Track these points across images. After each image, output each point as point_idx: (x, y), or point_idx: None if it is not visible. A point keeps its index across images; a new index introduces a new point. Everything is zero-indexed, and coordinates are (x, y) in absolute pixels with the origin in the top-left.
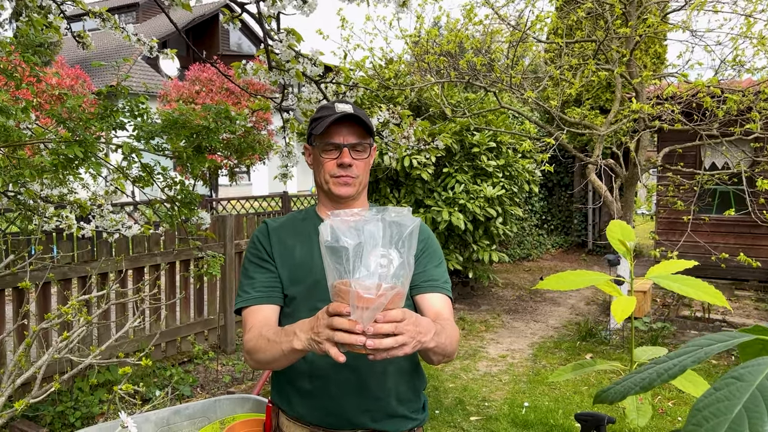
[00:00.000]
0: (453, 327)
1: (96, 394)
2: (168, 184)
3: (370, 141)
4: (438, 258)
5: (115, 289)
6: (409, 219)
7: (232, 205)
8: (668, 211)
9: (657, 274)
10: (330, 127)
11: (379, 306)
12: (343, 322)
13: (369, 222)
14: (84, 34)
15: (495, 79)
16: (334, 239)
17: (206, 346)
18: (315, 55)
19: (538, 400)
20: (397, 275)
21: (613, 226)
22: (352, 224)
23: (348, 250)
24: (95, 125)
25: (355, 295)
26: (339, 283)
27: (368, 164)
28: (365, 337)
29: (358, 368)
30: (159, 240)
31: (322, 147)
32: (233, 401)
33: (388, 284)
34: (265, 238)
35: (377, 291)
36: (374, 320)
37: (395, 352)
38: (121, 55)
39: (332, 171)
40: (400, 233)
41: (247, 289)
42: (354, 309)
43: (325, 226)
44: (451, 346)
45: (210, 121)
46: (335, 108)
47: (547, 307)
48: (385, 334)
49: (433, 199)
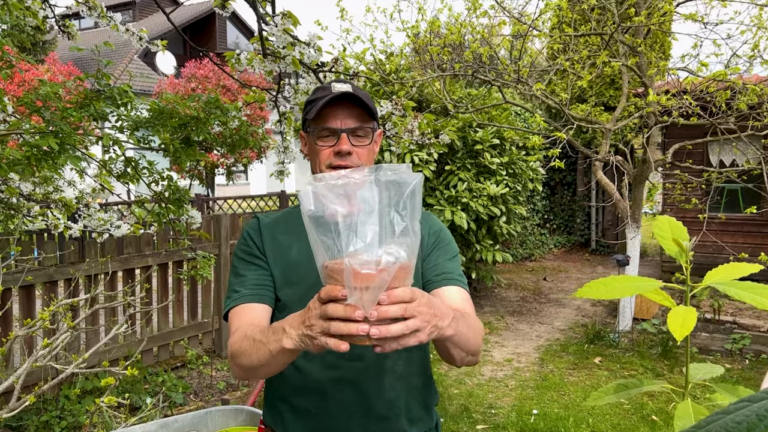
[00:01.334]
0: (476, 319)
1: (84, 402)
2: (155, 179)
3: (372, 125)
4: (452, 251)
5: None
6: (408, 175)
7: (228, 205)
8: (675, 209)
9: (716, 279)
10: (325, 110)
11: (382, 284)
12: (338, 309)
13: (361, 184)
14: (70, 24)
15: (501, 70)
16: (318, 208)
17: (200, 350)
18: (313, 39)
19: (547, 407)
20: (400, 244)
21: (661, 222)
22: (341, 188)
23: (337, 220)
24: (73, 115)
25: (350, 272)
26: (330, 263)
27: (372, 152)
28: (368, 324)
29: (360, 383)
30: (150, 240)
31: (317, 133)
32: (225, 413)
33: (390, 257)
34: (257, 234)
35: (377, 266)
36: (377, 302)
37: (407, 341)
38: (117, 55)
39: (329, 160)
40: (400, 193)
41: (236, 287)
42: (351, 291)
43: (307, 194)
44: (475, 339)
45: (199, 110)
46: (332, 88)
47: (552, 309)
48: (393, 318)
49: (435, 198)
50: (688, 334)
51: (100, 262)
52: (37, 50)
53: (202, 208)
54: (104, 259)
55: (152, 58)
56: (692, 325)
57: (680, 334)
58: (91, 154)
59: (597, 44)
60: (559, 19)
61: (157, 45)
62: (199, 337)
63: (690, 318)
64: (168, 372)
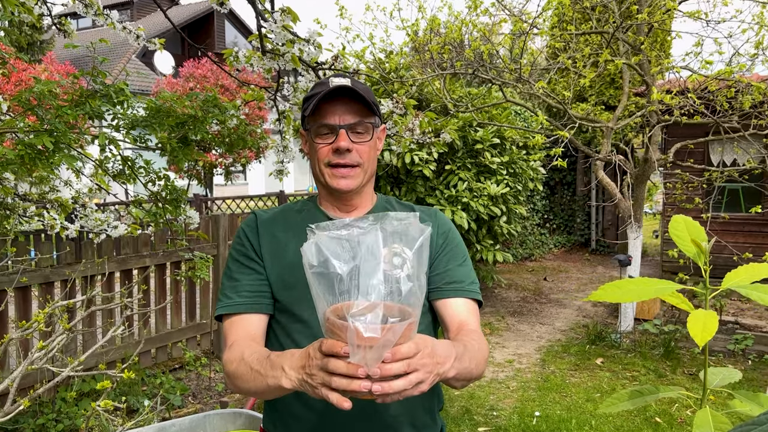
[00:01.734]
0: (480, 341)
1: (81, 405)
2: (151, 179)
3: (373, 120)
4: (462, 255)
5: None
6: (416, 229)
7: (227, 205)
8: (676, 209)
9: (736, 281)
10: (323, 105)
11: (387, 344)
12: (341, 366)
13: (365, 234)
14: (66, 22)
15: (503, 68)
16: (321, 263)
17: (199, 351)
18: (312, 36)
19: (550, 409)
20: (406, 302)
21: (677, 222)
22: (344, 239)
23: (341, 276)
24: (68, 113)
25: (354, 333)
26: (331, 314)
27: (373, 149)
28: (370, 380)
29: None
30: (148, 241)
31: (315, 130)
32: (224, 417)
33: (395, 317)
34: (253, 232)
35: (383, 325)
36: (382, 360)
37: (409, 393)
38: (115, 54)
39: (327, 158)
40: (408, 247)
41: (229, 293)
42: (354, 349)
43: (309, 247)
44: (477, 369)
45: (197, 109)
46: (329, 83)
47: (552, 309)
48: (396, 375)
49: (435, 198)
50: (709, 339)
51: (96, 263)
52: (34, 50)
53: (200, 209)
54: (100, 260)
55: (150, 58)
56: (714, 330)
57: (702, 339)
58: (88, 153)
59: (598, 42)
60: (559, 18)
61: (154, 43)
62: (197, 339)
63: (711, 322)
64: (166, 374)
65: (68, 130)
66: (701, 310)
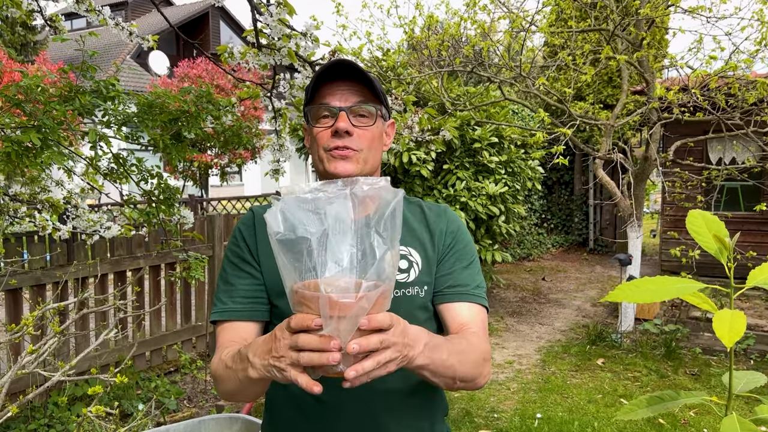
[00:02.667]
0: (475, 341)
1: (73, 410)
2: (143, 177)
3: (379, 107)
4: (469, 256)
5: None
6: (388, 192)
7: (222, 206)
8: (675, 207)
9: (764, 278)
10: (322, 87)
11: (361, 312)
12: (312, 340)
13: (334, 200)
14: (57, 18)
15: (502, 65)
16: (288, 229)
17: (194, 354)
18: (309, 29)
19: (551, 411)
20: (380, 268)
21: (694, 217)
22: (311, 204)
23: (309, 242)
24: (57, 108)
25: (326, 301)
26: (300, 287)
27: (376, 138)
28: (341, 355)
29: (368, 401)
30: (142, 242)
31: (315, 113)
32: (220, 422)
33: (370, 281)
34: (250, 231)
35: (357, 292)
36: (355, 329)
37: (378, 374)
38: (109, 55)
39: (326, 143)
40: (380, 212)
41: (223, 297)
42: (327, 320)
43: (274, 213)
44: (462, 367)
45: (190, 104)
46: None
47: (552, 309)
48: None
49: (433, 197)
50: (737, 340)
51: (88, 264)
52: (27, 50)
53: (195, 209)
54: (90, 262)
55: (145, 58)
56: (742, 330)
57: (729, 340)
58: (79, 152)
59: (596, 40)
60: (557, 16)
61: (148, 40)
62: (192, 341)
63: (738, 322)
64: (161, 377)
65: (57, 126)
66: (727, 309)
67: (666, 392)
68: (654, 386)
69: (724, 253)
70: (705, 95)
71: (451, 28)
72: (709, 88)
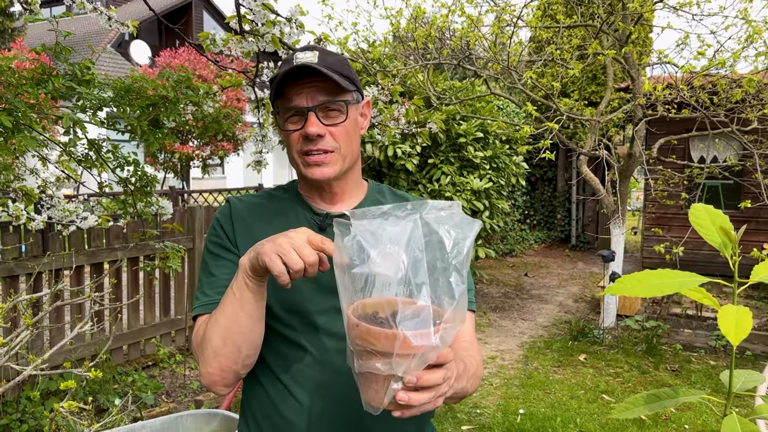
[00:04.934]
0: (478, 358)
1: (47, 404)
2: (120, 164)
3: (348, 98)
4: None
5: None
6: (465, 221)
7: (204, 198)
8: (657, 205)
9: (766, 275)
10: (288, 88)
11: (435, 350)
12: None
13: (405, 225)
14: (32, 0)
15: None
16: (363, 261)
17: (173, 348)
18: (294, 14)
19: (534, 406)
20: (461, 305)
21: (697, 210)
22: (380, 229)
23: (382, 278)
24: (29, 91)
25: (401, 341)
26: (354, 314)
27: (353, 129)
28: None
29: (351, 402)
30: (120, 233)
31: (285, 115)
32: (197, 418)
33: (448, 325)
34: (228, 221)
35: (436, 327)
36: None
37: (426, 409)
38: (90, 44)
39: (299, 146)
40: (459, 246)
41: (207, 290)
42: (396, 358)
43: (351, 241)
44: (472, 388)
45: (168, 89)
46: (293, 60)
47: (534, 305)
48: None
49: (418, 192)
50: (744, 337)
51: (61, 255)
52: (5, 37)
53: (176, 201)
54: (66, 252)
55: (126, 48)
56: (749, 327)
57: (736, 338)
58: (53, 138)
59: (582, 36)
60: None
61: (127, 25)
62: (171, 335)
63: (745, 319)
64: (139, 371)
65: (29, 110)
66: (731, 305)
67: (664, 390)
68: (635, 382)
69: (729, 246)
70: (690, 93)
71: (438, 20)
72: (693, 86)
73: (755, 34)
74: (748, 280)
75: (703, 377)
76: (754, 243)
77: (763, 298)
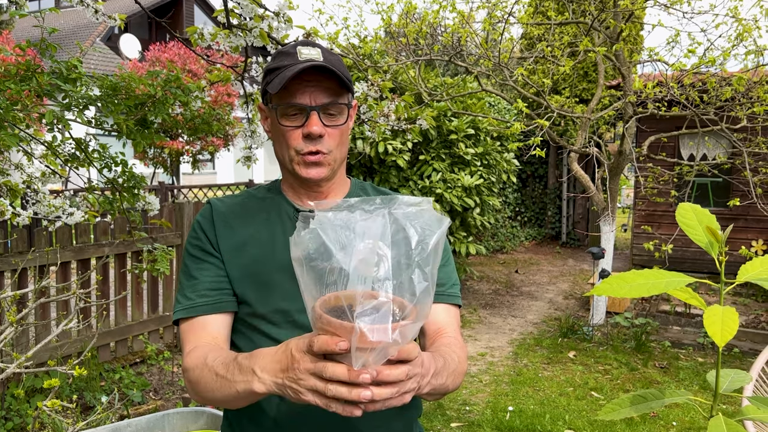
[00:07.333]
0: (460, 353)
1: (33, 402)
2: (107, 164)
3: (347, 99)
4: (445, 254)
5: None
6: (433, 217)
7: (194, 194)
8: (647, 203)
9: (754, 274)
10: (292, 83)
11: (394, 348)
12: (341, 371)
13: (372, 220)
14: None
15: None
16: (322, 255)
17: (161, 345)
18: (282, 9)
19: (523, 403)
20: (423, 302)
21: (684, 209)
22: (345, 226)
23: (345, 272)
24: (11, 87)
25: (358, 335)
26: (330, 318)
27: (345, 133)
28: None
29: None
30: (107, 229)
31: (283, 110)
32: (184, 416)
33: (401, 314)
34: (209, 224)
35: (394, 324)
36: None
37: (392, 404)
38: (78, 37)
39: (298, 146)
40: (424, 243)
41: (188, 293)
42: (355, 351)
43: (310, 234)
44: (453, 384)
45: (157, 89)
46: (298, 54)
47: (524, 302)
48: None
49: (409, 189)
50: (730, 338)
51: (46, 251)
52: None
53: (165, 197)
54: (51, 248)
55: (116, 41)
56: (735, 328)
57: (722, 339)
58: (39, 134)
59: (573, 33)
60: (534, 8)
61: (115, 19)
62: (159, 332)
63: (731, 319)
64: (126, 368)
65: (11, 106)
66: (717, 305)
67: (650, 391)
68: (624, 379)
69: (715, 246)
70: (680, 90)
71: (429, 16)
72: (683, 84)
73: (745, 33)
74: (735, 279)
75: (691, 374)
76: (743, 241)
77: (751, 296)
